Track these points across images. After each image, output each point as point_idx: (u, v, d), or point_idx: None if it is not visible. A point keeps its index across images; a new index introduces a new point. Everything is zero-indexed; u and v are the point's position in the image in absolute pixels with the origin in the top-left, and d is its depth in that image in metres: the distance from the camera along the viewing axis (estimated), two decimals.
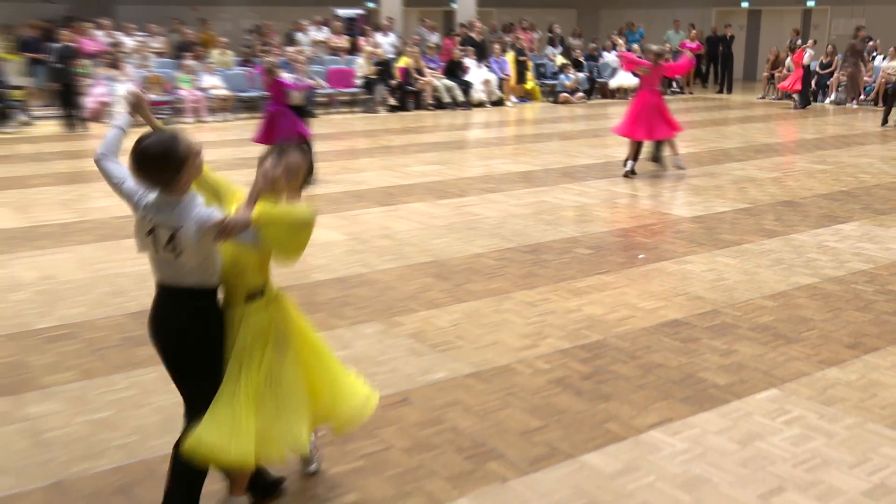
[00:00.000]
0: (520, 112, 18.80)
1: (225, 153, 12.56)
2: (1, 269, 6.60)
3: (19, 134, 14.45)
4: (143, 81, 16.17)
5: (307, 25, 20.67)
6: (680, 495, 3.47)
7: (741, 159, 12.13)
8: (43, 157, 12.05)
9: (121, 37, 18.39)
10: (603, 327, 5.39)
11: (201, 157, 2.98)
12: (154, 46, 18.29)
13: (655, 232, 7.89)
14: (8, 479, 3.56)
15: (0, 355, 4.90)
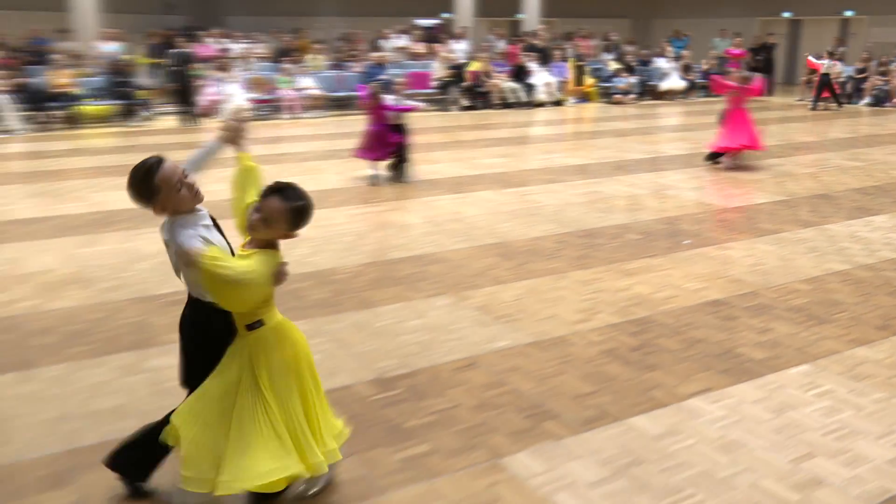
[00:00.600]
0: (577, 111, 18.56)
1: (317, 145, 12.72)
2: (128, 242, 6.80)
3: (143, 127, 14.86)
4: (248, 83, 16.45)
5: (390, 34, 20.72)
6: (718, 457, 3.41)
7: (780, 156, 11.76)
8: (162, 148, 12.35)
9: (229, 44, 18.71)
10: (650, 305, 5.31)
11: (182, 189, 2.81)
12: (258, 52, 18.56)
13: (699, 221, 7.72)
14: (132, 422, 3.67)
15: (127, 316, 5.06)
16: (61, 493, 3.11)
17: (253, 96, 16.29)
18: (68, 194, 8.76)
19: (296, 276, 5.84)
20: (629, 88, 20.23)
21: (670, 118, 17.38)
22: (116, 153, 11.80)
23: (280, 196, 2.75)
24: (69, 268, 6.04)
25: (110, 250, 6.53)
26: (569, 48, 21.03)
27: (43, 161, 11.07)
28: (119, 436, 3.53)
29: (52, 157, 11.37)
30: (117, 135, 13.95)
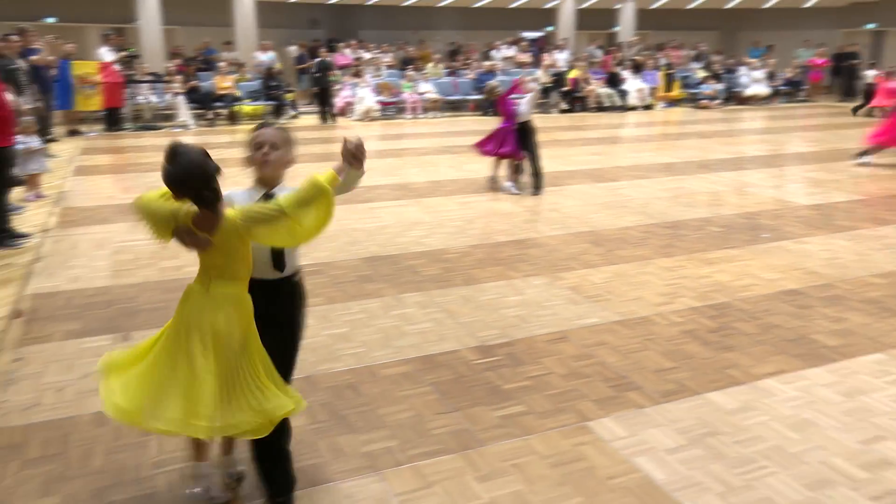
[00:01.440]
0: (666, 115, 17.89)
1: (433, 142, 12.78)
2: None
3: (288, 124, 15.36)
4: (377, 87, 16.69)
5: (499, 44, 20.55)
6: (790, 434, 3.23)
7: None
8: (304, 142, 12.73)
9: (362, 53, 19.04)
10: (729, 291, 5.07)
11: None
12: (385, 60, 18.80)
13: (778, 216, 7.30)
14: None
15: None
16: None
17: (380, 99, 16.53)
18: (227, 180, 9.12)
19: (412, 255, 5.93)
20: (715, 94, 19.33)
21: (753, 122, 16.50)
22: None
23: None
24: None
25: None
26: (660, 57, 20.27)
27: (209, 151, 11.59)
28: None
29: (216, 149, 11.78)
30: None
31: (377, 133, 14.28)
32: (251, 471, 2.78)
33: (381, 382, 3.70)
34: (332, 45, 19.27)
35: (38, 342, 4.17)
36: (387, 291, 5.05)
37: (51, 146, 11.29)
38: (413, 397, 3.54)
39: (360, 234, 6.52)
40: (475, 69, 18.18)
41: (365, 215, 7.26)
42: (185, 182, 2.42)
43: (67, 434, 3.20)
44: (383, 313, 4.64)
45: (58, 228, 6.71)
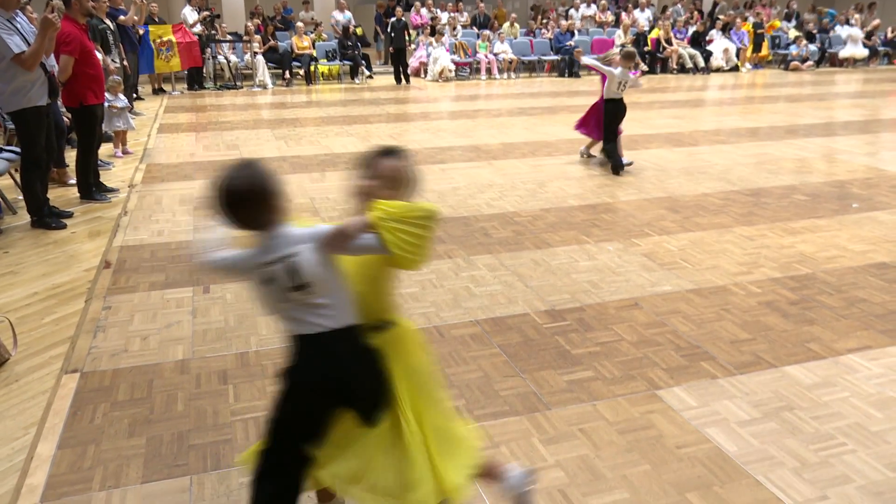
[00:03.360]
0: (752, 77, 17.07)
1: (508, 103, 12.63)
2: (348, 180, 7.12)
3: (364, 84, 15.43)
4: (453, 47, 16.55)
5: (579, 3, 19.97)
6: (872, 412, 3.09)
7: None
8: (379, 102, 12.79)
9: (438, 12, 18.86)
10: (813, 263, 4.85)
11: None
12: (461, 20, 18.57)
13: (870, 185, 6.91)
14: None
15: None
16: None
17: (455, 59, 16.39)
18: (304, 138, 9.32)
19: (483, 217, 5.91)
20: (807, 56, 18.29)
21: (848, 85, 15.56)
22: (342, 106, 12.36)
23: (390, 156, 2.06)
24: (303, 198, 6.45)
25: (335, 186, 6.89)
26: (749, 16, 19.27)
27: (287, 111, 11.82)
28: None
29: (293, 108, 12.11)
30: (343, 90, 14.59)
31: (451, 94, 14.20)
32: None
33: (449, 342, 3.73)
34: (408, 4, 19.16)
35: (125, 292, 4.39)
36: (457, 253, 5.06)
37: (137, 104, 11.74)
38: (481, 358, 3.56)
39: (431, 196, 6.54)
40: (553, 29, 17.76)
41: (437, 176, 7.27)
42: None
43: (151, 380, 3.38)
44: (453, 274, 4.67)
45: (143, 184, 7.00)
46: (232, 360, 3.55)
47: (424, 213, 1.87)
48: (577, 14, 19.14)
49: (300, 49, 15.43)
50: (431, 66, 16.19)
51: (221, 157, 8.17)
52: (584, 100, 12.77)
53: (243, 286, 4.45)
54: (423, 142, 9.06)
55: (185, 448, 2.86)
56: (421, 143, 8.94)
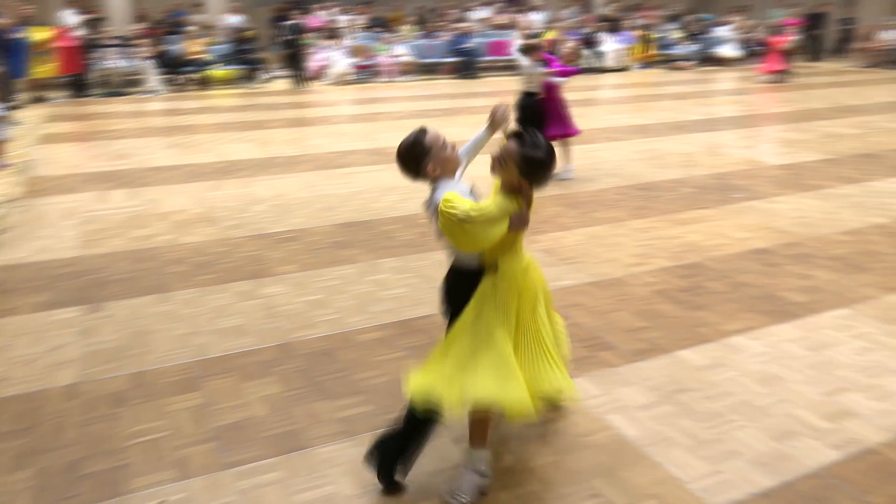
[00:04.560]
0: (641, 76, 17.85)
1: (408, 105, 12.66)
2: (247, 188, 6.96)
3: (261, 89, 15.08)
4: (351, 50, 16.42)
5: (475, 6, 20.26)
6: (757, 388, 3.30)
7: (828, 118, 11.07)
8: (277, 107, 12.53)
9: (336, 16, 18.67)
10: (700, 251, 5.12)
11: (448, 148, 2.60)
12: (359, 23, 18.47)
13: (749, 176, 7.36)
14: (250, 339, 3.82)
15: (245, 250, 5.20)
16: (191, 396, 3.26)
17: (354, 62, 16.28)
18: (198, 146, 9.01)
19: (387, 220, 5.90)
20: (689, 56, 19.31)
21: (726, 83, 16.53)
22: (238, 111, 12.03)
23: (517, 140, 2.44)
24: (199, 208, 6.23)
25: (232, 194, 6.70)
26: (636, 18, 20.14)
27: (178, 117, 11.39)
28: (240, 350, 3.67)
29: (185, 114, 11.68)
30: (239, 95, 14.20)
31: (351, 97, 14.09)
32: None
33: (356, 348, 3.70)
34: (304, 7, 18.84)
35: (5, 315, 4.10)
36: (362, 257, 5.03)
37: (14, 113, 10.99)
38: (388, 362, 3.55)
39: (334, 200, 6.47)
40: (450, 31, 17.94)
41: (339, 181, 7.19)
42: (547, 164, 2.45)
43: (38, 407, 3.17)
44: (358, 279, 4.63)
45: (24, 198, 6.56)
46: (126, 381, 3.38)
47: (457, 213, 2.34)
48: (473, 16, 19.41)
49: (192, 53, 14.90)
50: (330, 70, 16.01)
51: (109, 167, 7.78)
52: (483, 101, 12.97)
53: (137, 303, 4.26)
54: (324, 146, 8.94)
55: (78, 477, 2.70)
56: (322, 148, 8.83)
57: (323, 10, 18.71)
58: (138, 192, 6.80)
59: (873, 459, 2.78)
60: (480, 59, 17.60)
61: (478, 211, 2.37)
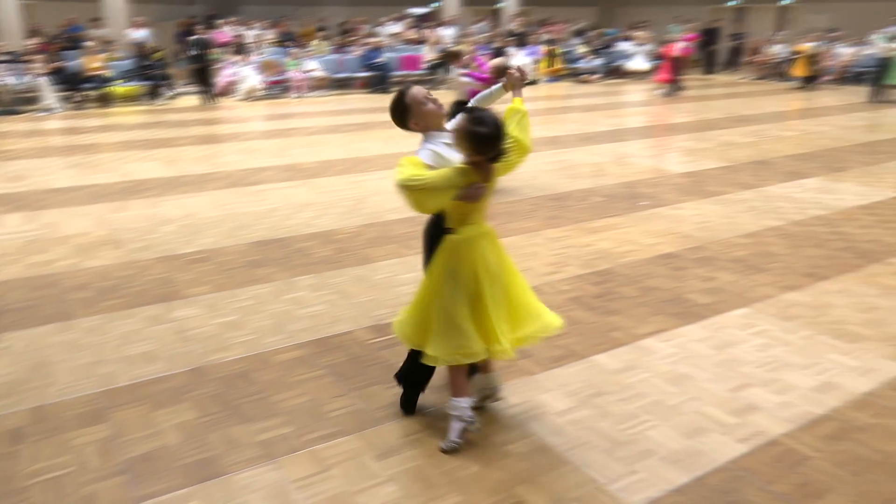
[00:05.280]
0: (550, 89, 18.34)
1: (321, 120, 12.54)
2: (155, 208, 6.71)
3: (167, 106, 14.60)
4: (260, 65, 16.14)
5: (386, 21, 20.35)
6: (668, 388, 3.42)
7: (725, 127, 11.70)
8: (185, 124, 12.16)
9: (244, 30, 18.34)
10: (611, 258, 5.29)
11: (427, 105, 2.91)
12: (269, 38, 18.20)
13: (655, 185, 7.68)
14: (161, 365, 3.67)
15: (154, 273, 5.00)
16: (98, 428, 3.10)
17: (265, 77, 16.01)
18: (101, 166, 8.62)
19: (302, 237, 5.81)
20: (595, 69, 19.99)
21: (632, 95, 17.21)
22: (143, 129, 11.60)
23: (464, 117, 2.70)
24: (102, 230, 5.96)
25: (139, 215, 6.44)
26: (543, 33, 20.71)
27: (78, 136, 10.87)
28: (150, 377, 3.52)
29: (86, 133, 11.17)
30: (144, 112, 13.70)
31: (262, 113, 13.84)
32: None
33: (274, 369, 3.62)
34: (210, 22, 18.42)
35: None
36: (277, 276, 4.93)
37: None
38: (307, 382, 3.49)
39: (247, 219, 6.32)
40: (362, 46, 17.93)
41: (252, 198, 7.04)
42: (499, 139, 2.71)
43: None
44: (274, 298, 4.54)
45: None
46: (26, 417, 3.18)
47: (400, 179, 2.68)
48: (384, 31, 19.49)
49: (92, 70, 14.27)
50: (240, 86, 15.68)
51: (3, 190, 7.34)
52: None
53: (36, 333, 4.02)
54: (235, 163, 8.73)
55: None
56: (233, 165, 8.62)
57: (228, 24, 18.35)
58: (36, 215, 6.44)
59: (776, 450, 2.94)
60: (393, 73, 17.66)
61: (416, 180, 2.65)
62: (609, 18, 26.39)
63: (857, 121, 12.46)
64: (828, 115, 13.14)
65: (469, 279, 2.84)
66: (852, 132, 11.17)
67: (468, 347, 2.83)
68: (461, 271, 2.84)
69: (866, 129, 11.55)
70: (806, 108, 14.44)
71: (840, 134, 10.96)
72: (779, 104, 15.14)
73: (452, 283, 2.84)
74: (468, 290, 2.85)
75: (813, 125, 11.91)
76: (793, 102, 15.43)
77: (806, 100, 15.79)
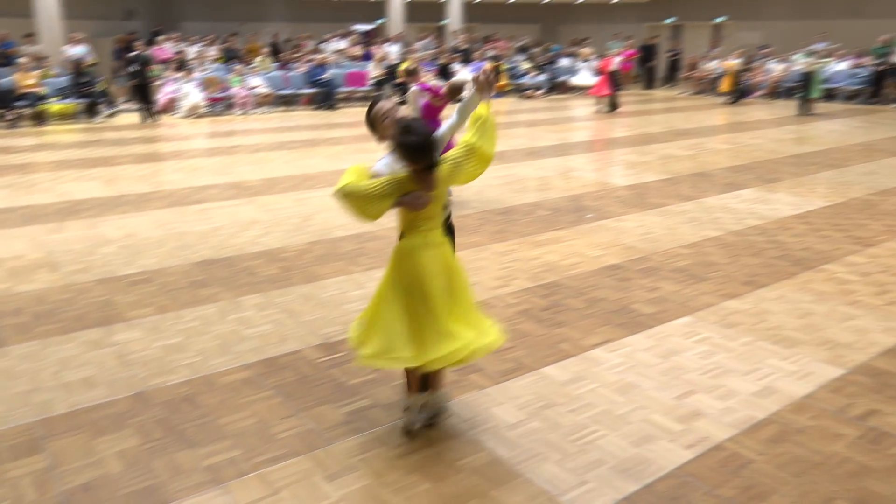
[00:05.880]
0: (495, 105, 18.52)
1: (266, 137, 12.40)
2: (93, 228, 6.52)
3: (106, 124, 14.23)
4: (203, 82, 15.88)
5: (331, 37, 20.29)
6: (616, 397, 3.48)
7: (665, 141, 12.03)
8: (125, 142, 11.87)
9: (185, 47, 18.03)
10: (558, 271, 5.36)
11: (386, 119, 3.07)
12: (211, 54, 17.94)
13: (599, 197, 7.83)
14: (101, 391, 3.55)
15: (93, 295, 4.85)
16: (34, 459, 2.97)
17: (207, 94, 15.76)
18: (36, 186, 8.33)
19: (248, 255, 5.72)
20: (539, 85, 20.33)
21: (575, 110, 17.54)
22: (80, 148, 11.27)
23: (398, 127, 2.82)
24: (38, 253, 5.75)
25: (76, 236, 6.24)
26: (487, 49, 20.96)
27: (11, 156, 10.48)
28: (90, 404, 3.40)
29: (20, 153, 10.78)
30: (81, 131, 13.32)
31: (205, 130, 13.60)
32: None
33: (220, 391, 3.54)
34: (150, 38, 18.06)
35: None
36: (223, 296, 4.83)
37: None
38: (255, 403, 3.42)
39: (191, 238, 6.19)
40: (307, 62, 17.83)
41: (196, 217, 6.90)
42: (428, 148, 2.77)
43: None
44: (220, 319, 4.44)
45: None
46: None
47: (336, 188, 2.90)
48: (328, 48, 19.43)
49: (25, 87, 13.81)
50: (181, 103, 15.39)
51: None
52: (343, 132, 12.96)
53: None
54: (178, 181, 8.56)
55: None
56: (176, 183, 8.44)
57: (170, 41, 18.02)
58: None
59: (721, 455, 3.01)
60: (338, 89, 17.60)
61: (351, 187, 2.82)
62: (552, 35, 26.92)
63: (788, 133, 12.98)
64: (761, 129, 13.65)
65: (408, 286, 2.91)
66: (784, 144, 11.63)
67: (396, 352, 2.89)
68: (402, 278, 2.92)
69: (796, 141, 12.04)
70: (740, 121, 14.97)
71: (773, 146, 11.40)
72: (715, 118, 15.66)
73: (393, 288, 2.94)
74: (407, 297, 2.91)
75: (747, 138, 12.35)
76: (728, 116, 15.98)
77: (740, 114, 16.37)
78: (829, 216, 6.95)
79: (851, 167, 9.54)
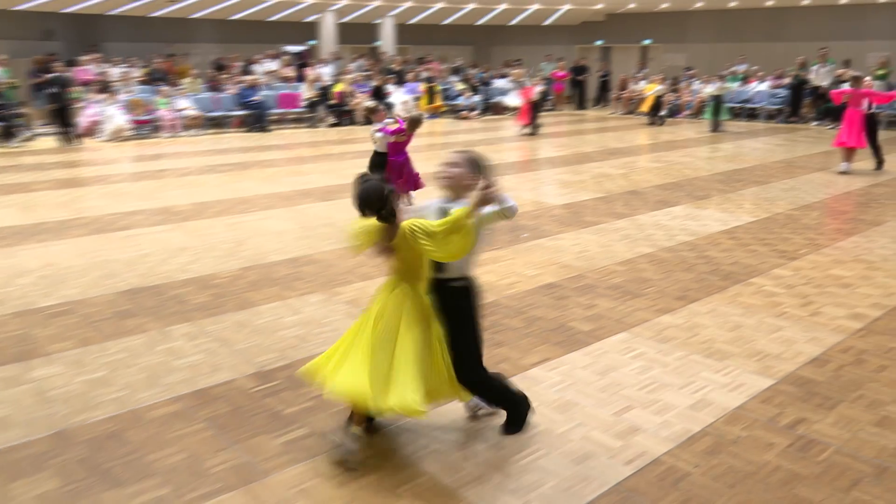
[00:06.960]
0: (430, 126, 18.70)
1: (196, 160, 12.15)
2: (9, 258, 6.23)
3: (23, 148, 13.66)
4: (127, 104, 15.47)
5: (261, 58, 20.10)
6: (555, 416, 3.51)
7: (598, 160, 12.34)
8: (43, 167, 11.42)
9: (108, 68, 17.55)
10: (496, 290, 5.41)
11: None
12: (136, 75, 17.50)
13: (535, 216, 7.96)
14: (17, 431, 3.37)
15: (9, 329, 4.62)
16: None
17: (132, 117, 15.34)
18: None
19: (177, 283, 5.57)
20: (473, 106, 20.60)
21: (510, 130, 17.83)
22: None
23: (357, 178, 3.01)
24: None
25: None
26: (421, 71, 21.15)
27: None
28: (5, 446, 3.23)
29: None
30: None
31: (131, 154, 13.22)
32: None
33: (148, 426, 3.41)
34: (70, 59, 17.50)
35: None
36: (150, 326, 4.68)
37: None
38: (186, 437, 3.31)
39: (116, 266, 5.98)
40: (237, 84, 17.59)
41: (121, 244, 6.68)
42: (367, 203, 2.93)
43: None
44: (147, 350, 4.30)
45: None
46: None
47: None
48: (259, 69, 19.23)
49: None
50: (104, 126, 14.93)
51: None
52: (275, 154, 12.81)
53: None
54: (101, 207, 8.27)
55: None
56: (99, 210, 8.16)
57: (92, 62, 17.51)
58: None
59: (659, 469, 3.07)
60: (270, 111, 17.43)
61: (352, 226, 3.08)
62: (485, 57, 27.36)
63: (715, 152, 13.51)
64: (689, 147, 14.18)
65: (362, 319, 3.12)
66: (712, 162, 12.10)
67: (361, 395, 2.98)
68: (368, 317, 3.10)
69: (723, 159, 12.54)
70: (670, 140, 15.51)
71: (701, 164, 11.84)
72: (645, 137, 16.19)
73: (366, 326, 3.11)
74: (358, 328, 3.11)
75: (677, 156, 12.80)
76: (657, 135, 16.54)
77: (669, 133, 16.97)
78: (755, 231, 7.24)
79: (774, 183, 9.99)
